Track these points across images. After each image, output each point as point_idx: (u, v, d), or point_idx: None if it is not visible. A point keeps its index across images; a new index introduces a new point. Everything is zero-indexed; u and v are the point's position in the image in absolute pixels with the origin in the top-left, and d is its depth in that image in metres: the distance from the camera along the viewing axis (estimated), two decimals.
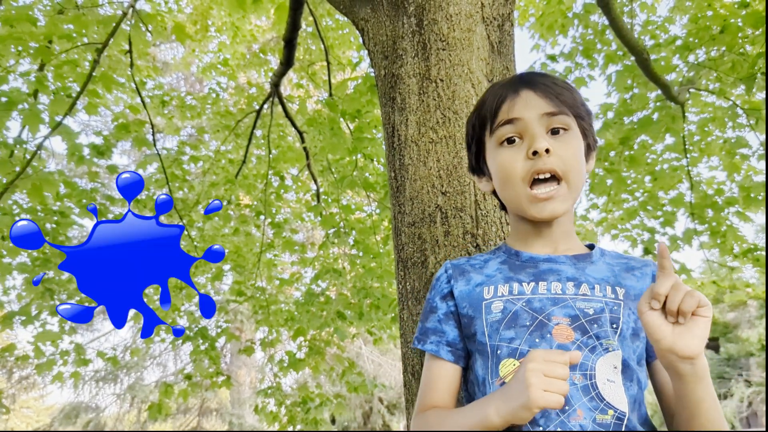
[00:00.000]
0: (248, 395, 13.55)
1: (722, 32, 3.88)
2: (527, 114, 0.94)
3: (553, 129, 0.95)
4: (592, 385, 0.85)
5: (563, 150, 0.94)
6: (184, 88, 12.92)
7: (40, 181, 3.36)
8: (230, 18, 5.56)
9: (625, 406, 0.85)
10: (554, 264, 0.97)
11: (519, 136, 0.95)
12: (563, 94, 0.96)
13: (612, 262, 1.01)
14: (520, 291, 0.94)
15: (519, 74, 1.03)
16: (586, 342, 0.88)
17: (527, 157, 0.93)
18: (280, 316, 4.94)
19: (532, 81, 0.98)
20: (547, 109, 0.95)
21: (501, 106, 0.97)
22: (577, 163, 0.96)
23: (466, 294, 0.98)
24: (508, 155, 0.96)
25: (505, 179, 0.97)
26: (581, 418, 0.82)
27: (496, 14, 1.72)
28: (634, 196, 4.87)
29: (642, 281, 0.98)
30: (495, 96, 0.99)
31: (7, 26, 3.25)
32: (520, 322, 0.90)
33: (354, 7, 1.94)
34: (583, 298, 0.92)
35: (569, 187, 0.94)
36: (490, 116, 0.99)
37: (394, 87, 1.71)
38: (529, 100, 0.95)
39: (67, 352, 4.32)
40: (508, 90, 0.98)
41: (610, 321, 0.90)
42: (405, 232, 1.57)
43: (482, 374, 0.91)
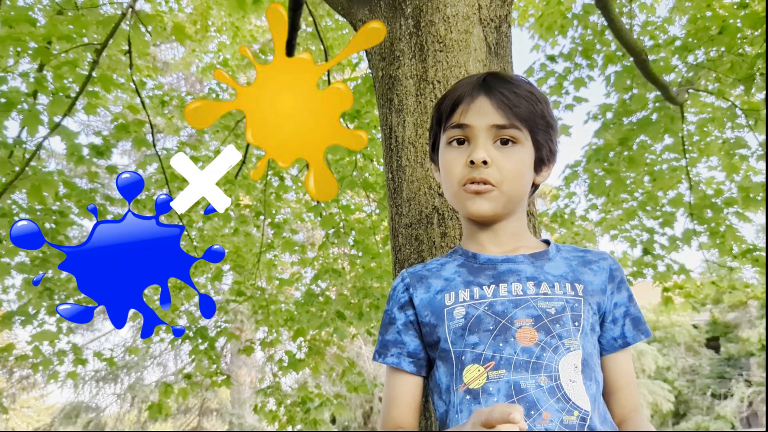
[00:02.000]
0: (248, 395, 13.55)
1: (721, 33, 3.88)
2: (477, 122, 0.95)
3: (502, 139, 0.96)
4: (558, 386, 0.85)
5: (504, 162, 0.95)
6: (185, 88, 12.93)
7: (40, 181, 3.36)
8: (230, 18, 5.56)
9: (588, 405, 0.85)
10: (513, 264, 0.97)
11: (467, 139, 0.97)
12: (520, 106, 0.96)
13: (569, 256, 1.01)
14: (481, 295, 0.93)
15: (485, 75, 1.01)
16: (549, 342, 0.87)
17: (466, 163, 0.95)
18: (280, 316, 4.95)
19: (491, 88, 0.97)
20: (498, 121, 0.95)
21: (456, 108, 0.98)
22: (517, 175, 0.96)
23: (426, 302, 0.97)
24: (452, 156, 0.98)
25: (446, 179, 0.99)
26: (547, 421, 0.82)
27: (494, 16, 1.72)
28: (633, 196, 4.87)
29: (599, 275, 0.98)
30: (454, 94, 1.00)
31: (6, 26, 3.26)
32: (483, 327, 0.89)
33: (352, 8, 1.95)
34: (544, 297, 0.91)
35: (502, 194, 0.95)
36: (445, 115, 1.00)
37: (392, 88, 1.71)
38: (482, 109, 0.96)
39: (65, 352, 4.32)
40: (467, 93, 0.98)
41: (572, 319, 0.90)
42: (402, 233, 1.58)
43: (446, 381, 0.91)
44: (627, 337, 0.98)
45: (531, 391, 0.84)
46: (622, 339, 0.97)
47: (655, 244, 4.68)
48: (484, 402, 0.84)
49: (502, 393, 0.84)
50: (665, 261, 4.65)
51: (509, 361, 0.86)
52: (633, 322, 0.99)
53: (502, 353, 0.86)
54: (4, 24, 3.24)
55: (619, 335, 0.98)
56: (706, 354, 16.31)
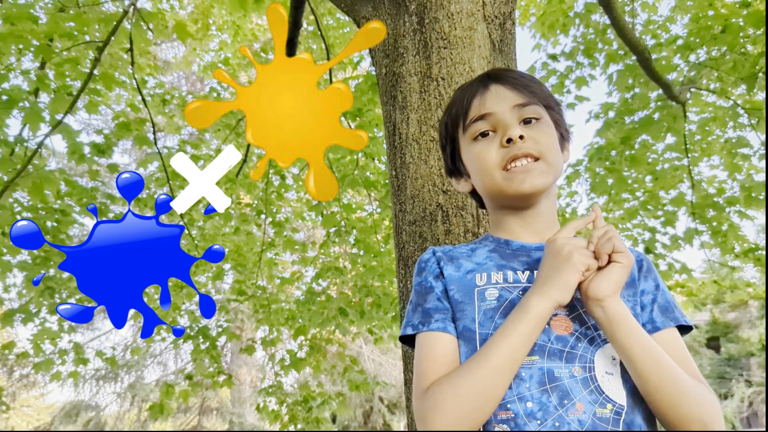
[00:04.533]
0: (249, 394, 13.56)
1: (723, 32, 3.88)
2: (498, 107, 0.95)
3: (525, 119, 0.95)
4: (592, 377, 0.83)
5: (538, 136, 0.94)
6: (185, 87, 12.93)
7: (41, 179, 3.36)
8: (231, 17, 5.56)
9: (624, 399, 0.83)
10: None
11: (492, 129, 0.96)
12: (531, 86, 0.97)
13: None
14: (515, 279, 0.91)
15: (485, 72, 1.04)
16: (584, 333, 0.86)
17: (501, 145, 0.93)
18: (281, 315, 4.94)
19: (499, 76, 0.99)
20: (518, 100, 0.95)
21: (472, 102, 0.97)
22: (554, 147, 0.96)
23: (456, 278, 0.94)
24: (482, 146, 0.96)
25: (482, 169, 0.96)
26: (580, 412, 0.80)
27: (498, 13, 1.72)
28: (635, 195, 4.86)
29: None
30: (465, 94, 0.99)
31: (8, 24, 3.25)
32: None
33: (355, 5, 1.94)
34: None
35: (547, 164, 0.94)
36: (462, 114, 0.99)
37: (396, 85, 1.71)
38: (499, 94, 0.96)
39: (66, 351, 4.32)
40: (477, 87, 0.98)
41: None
42: (406, 230, 1.57)
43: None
44: (656, 322, 0.93)
45: (565, 380, 0.82)
46: (651, 324, 0.93)
47: (656, 243, 4.67)
48: (515, 387, 0.82)
49: (534, 379, 0.82)
50: (667, 260, 4.64)
51: (543, 348, 0.84)
52: (661, 308, 0.95)
53: (536, 339, 0.84)
54: (5, 21, 3.24)
55: (647, 320, 0.94)
56: (706, 354, 16.31)
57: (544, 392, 0.81)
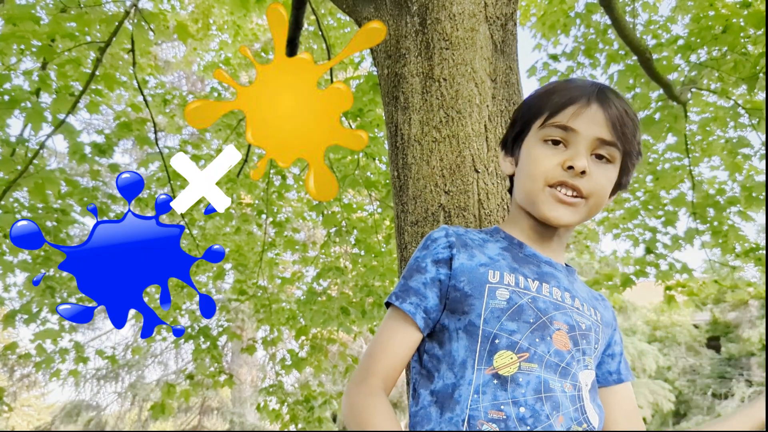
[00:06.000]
0: (249, 394, 13.56)
1: (724, 32, 3.88)
2: (585, 130, 0.92)
3: (598, 154, 0.94)
4: (579, 396, 0.85)
5: (598, 177, 0.93)
6: (186, 87, 12.94)
7: (43, 179, 3.37)
8: (232, 17, 5.56)
9: (597, 424, 0.86)
10: (554, 269, 0.97)
11: (565, 142, 0.94)
12: (626, 127, 0.94)
13: (583, 285, 1.03)
14: (525, 286, 0.91)
15: (600, 85, 0.98)
16: (575, 354, 0.88)
17: (562, 166, 0.92)
18: (282, 315, 4.95)
19: (607, 99, 0.94)
20: (605, 135, 0.92)
21: (567, 107, 0.93)
22: (604, 193, 0.95)
23: (467, 269, 0.92)
24: (545, 153, 0.94)
25: (531, 173, 0.95)
26: (560, 423, 0.82)
27: (500, 13, 1.72)
28: (636, 195, 4.87)
29: (608, 312, 1.01)
30: (567, 93, 0.95)
31: (10, 24, 3.25)
32: (524, 317, 0.88)
33: (357, 6, 1.94)
34: (578, 311, 0.92)
35: (587, 207, 0.94)
36: (550, 109, 0.95)
37: (397, 86, 1.71)
38: (595, 118, 0.92)
39: (67, 350, 4.33)
40: (582, 96, 0.94)
41: (594, 340, 0.92)
42: (408, 231, 1.58)
43: (463, 355, 0.87)
44: (621, 374, 1.01)
45: (557, 393, 0.84)
46: (617, 374, 1.01)
47: (657, 243, 4.68)
48: (511, 390, 0.83)
49: (531, 387, 0.83)
50: (668, 260, 4.65)
51: (542, 359, 0.85)
52: (625, 362, 1.03)
53: (537, 348, 0.86)
54: (7, 22, 3.24)
55: (615, 370, 1.01)
56: (706, 354, 16.31)
57: (538, 400, 0.82)
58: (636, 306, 16.06)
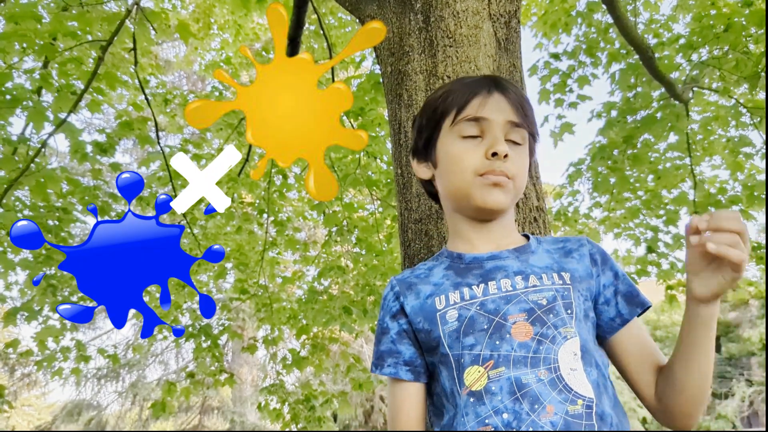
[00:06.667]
0: (250, 393, 13.57)
1: (726, 31, 3.87)
2: (495, 117, 0.97)
3: (510, 140, 0.98)
4: (558, 377, 0.84)
5: (517, 158, 0.98)
6: (186, 87, 12.94)
7: (44, 177, 3.36)
8: (232, 16, 5.56)
9: (591, 392, 0.84)
10: (499, 261, 0.97)
11: (480, 134, 0.97)
12: (527, 109, 1.00)
13: (550, 248, 1.02)
14: (471, 295, 0.93)
15: (488, 76, 1.05)
16: (545, 333, 0.87)
17: (485, 155, 0.95)
18: (283, 314, 4.95)
19: (504, 86, 1.00)
20: (513, 118, 0.97)
21: (471, 100, 0.98)
22: (525, 172, 1.00)
23: (418, 308, 0.96)
24: (465, 147, 0.97)
25: (457, 170, 0.98)
26: (551, 414, 0.81)
27: (503, 11, 1.72)
28: (637, 194, 4.86)
29: (582, 262, 0.99)
30: (466, 89, 1.00)
31: (11, 23, 3.25)
32: (477, 327, 0.89)
33: (360, 4, 1.94)
34: (534, 289, 0.91)
35: (516, 188, 0.98)
36: (457, 107, 0.99)
37: (401, 84, 1.71)
38: (500, 104, 0.98)
39: (68, 349, 4.33)
40: (481, 88, 0.99)
41: (564, 307, 0.90)
42: (412, 228, 1.58)
43: (449, 386, 0.90)
44: (623, 314, 0.97)
45: (533, 385, 0.83)
46: (620, 317, 0.97)
47: (659, 243, 4.68)
48: (489, 402, 0.83)
49: (504, 391, 0.83)
50: (669, 259, 4.65)
51: (507, 358, 0.85)
52: (625, 298, 0.98)
53: (500, 351, 0.86)
54: (9, 20, 3.24)
55: (615, 314, 0.97)
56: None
57: (515, 401, 0.82)
58: None
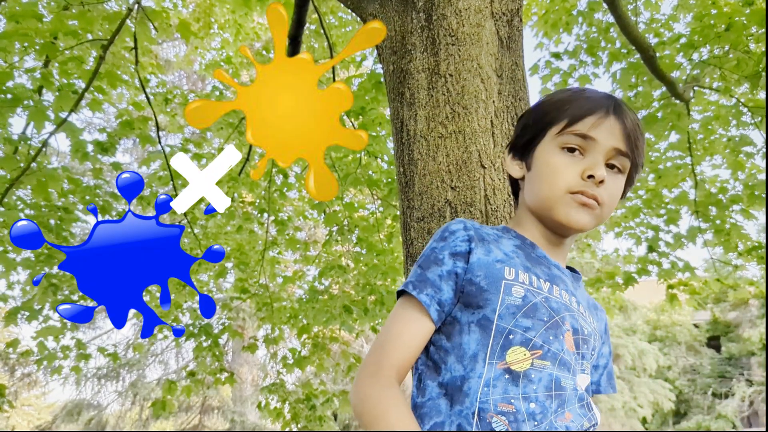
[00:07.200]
0: (250, 393, 13.57)
1: (727, 30, 3.87)
2: (604, 139, 0.94)
3: (611, 164, 0.96)
4: (582, 396, 0.88)
5: (612, 187, 0.96)
6: (186, 86, 12.95)
7: (45, 177, 3.36)
8: (233, 15, 5.56)
9: (598, 421, 0.89)
10: (560, 273, 0.98)
11: (581, 150, 0.95)
12: (638, 140, 0.97)
13: (585, 292, 1.05)
14: (538, 286, 0.92)
15: (611, 96, 1.01)
16: (577, 357, 0.91)
17: (582, 176, 0.93)
18: (283, 313, 4.95)
19: (623, 112, 0.97)
20: (621, 146, 0.95)
21: (586, 117, 0.95)
22: (615, 202, 0.98)
23: (484, 264, 0.92)
24: (564, 161, 0.95)
25: (550, 181, 0.96)
26: (568, 420, 0.84)
27: (505, 9, 1.72)
28: (638, 194, 4.87)
29: (600, 323, 1.03)
30: (585, 103, 0.97)
31: (12, 22, 3.25)
32: (538, 315, 0.89)
33: (362, 2, 1.94)
34: (582, 316, 0.94)
35: (602, 214, 0.96)
36: (569, 119, 0.96)
37: (403, 82, 1.71)
38: (613, 129, 0.95)
39: (68, 348, 4.33)
40: (600, 107, 0.96)
41: (592, 347, 0.94)
42: (414, 227, 1.58)
43: (475, 349, 0.87)
44: (600, 386, 1.04)
45: (567, 390, 0.86)
46: (596, 386, 1.03)
47: (659, 242, 4.68)
48: (523, 386, 0.84)
49: (542, 384, 0.84)
50: (670, 258, 4.65)
51: (555, 357, 0.87)
52: (608, 375, 1.05)
53: (551, 346, 0.87)
54: (10, 20, 3.24)
55: (595, 381, 1.03)
56: (707, 353, 16.33)
57: (548, 397, 0.84)
58: (636, 305, 16.07)
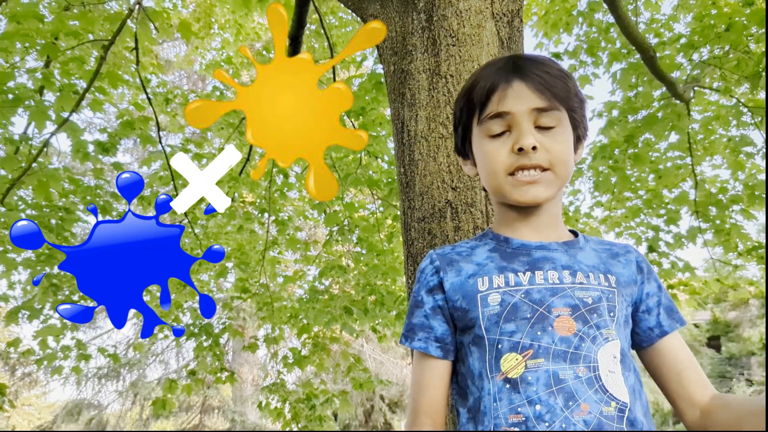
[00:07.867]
0: (250, 393, 13.57)
1: (727, 30, 3.87)
2: (517, 108, 0.92)
3: (541, 125, 0.93)
4: (596, 377, 0.83)
5: (551, 144, 0.92)
6: (186, 86, 12.95)
7: (46, 177, 3.37)
8: (233, 15, 5.57)
9: (626, 397, 0.83)
10: (547, 251, 0.95)
11: (507, 129, 0.93)
12: (556, 86, 0.93)
13: (597, 248, 0.99)
14: (516, 282, 0.90)
15: (513, 58, 0.97)
16: (587, 332, 0.86)
17: (512, 151, 0.92)
18: (284, 313, 4.95)
19: (525, 71, 0.94)
20: (538, 104, 0.92)
21: (491, 96, 0.94)
22: (566, 157, 0.94)
23: (458, 286, 0.93)
24: (494, 146, 0.94)
25: (489, 170, 0.95)
26: (585, 412, 0.81)
27: (506, 10, 1.72)
28: (638, 194, 4.87)
29: (628, 267, 0.97)
30: (485, 82, 0.95)
31: (13, 23, 3.26)
32: (520, 315, 0.87)
33: (363, 3, 1.95)
34: (580, 287, 0.90)
35: (555, 176, 0.93)
36: (479, 105, 0.96)
37: (404, 83, 1.71)
38: (520, 93, 0.92)
39: (69, 348, 4.33)
40: (500, 79, 0.94)
41: (608, 309, 0.89)
42: (414, 227, 1.58)
43: (479, 368, 0.88)
44: (663, 326, 0.96)
45: (569, 381, 0.83)
46: (659, 328, 0.96)
47: (660, 242, 4.68)
48: (523, 391, 0.83)
49: (541, 382, 0.83)
50: (670, 258, 4.65)
51: (547, 351, 0.85)
52: (666, 311, 0.98)
53: (540, 342, 0.85)
54: (11, 20, 3.24)
55: (654, 325, 0.97)
56: (707, 353, 16.32)
57: (550, 394, 0.82)
58: None
